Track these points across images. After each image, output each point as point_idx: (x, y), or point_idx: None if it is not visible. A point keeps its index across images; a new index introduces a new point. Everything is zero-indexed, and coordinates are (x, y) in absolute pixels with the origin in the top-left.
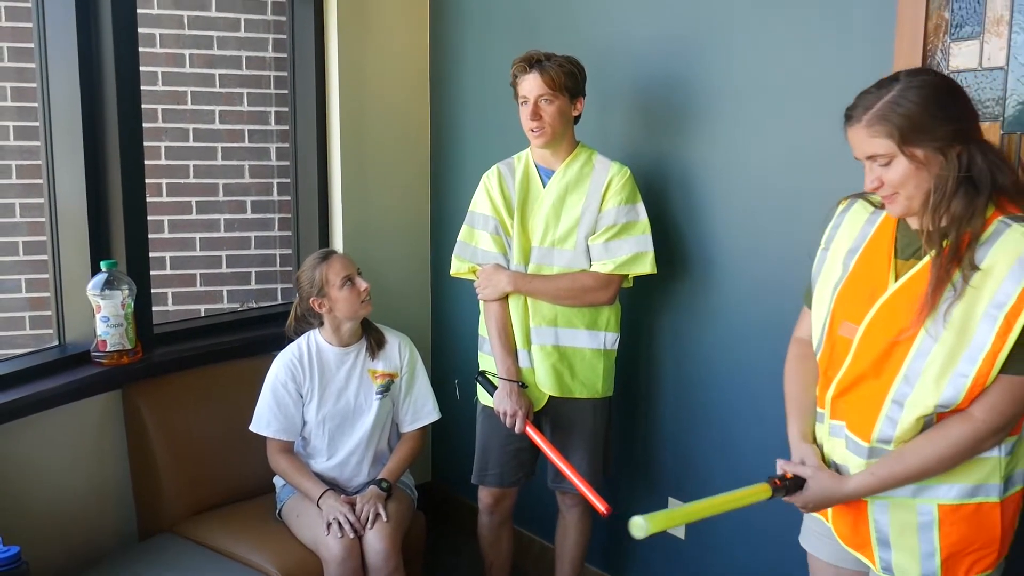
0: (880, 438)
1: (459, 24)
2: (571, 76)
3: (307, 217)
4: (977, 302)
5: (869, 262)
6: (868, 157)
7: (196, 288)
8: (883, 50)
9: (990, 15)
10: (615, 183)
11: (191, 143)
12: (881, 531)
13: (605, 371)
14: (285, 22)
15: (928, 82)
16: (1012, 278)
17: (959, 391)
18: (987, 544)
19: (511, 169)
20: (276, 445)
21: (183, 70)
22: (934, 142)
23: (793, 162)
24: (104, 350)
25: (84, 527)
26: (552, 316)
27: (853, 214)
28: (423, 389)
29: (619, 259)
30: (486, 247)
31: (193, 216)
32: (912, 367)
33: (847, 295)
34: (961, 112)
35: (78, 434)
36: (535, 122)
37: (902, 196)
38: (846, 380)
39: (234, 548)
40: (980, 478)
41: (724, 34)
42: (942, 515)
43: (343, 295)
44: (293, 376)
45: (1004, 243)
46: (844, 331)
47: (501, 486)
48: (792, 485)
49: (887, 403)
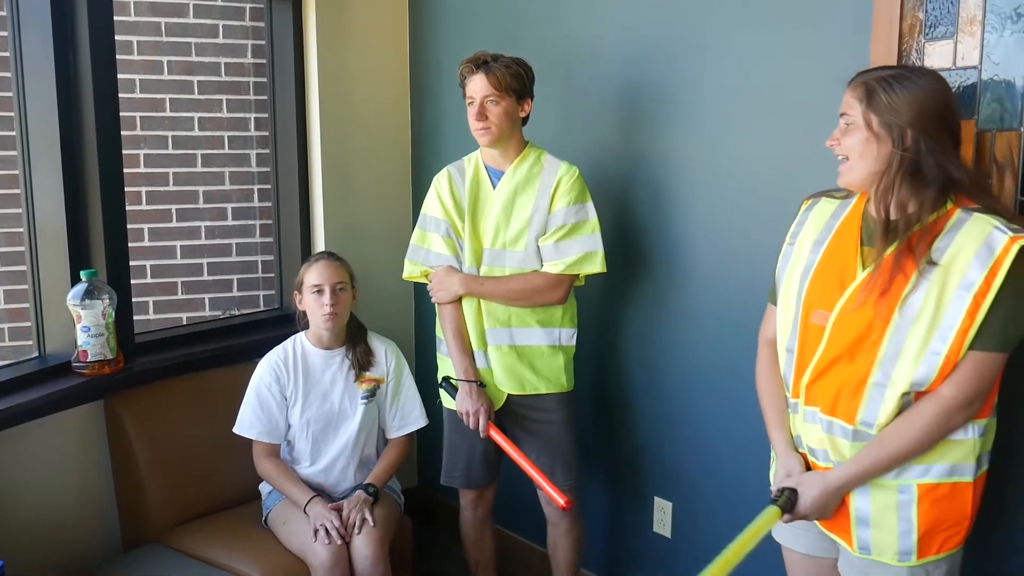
0: (864, 421)
1: (438, 27)
2: (517, 77)
3: (288, 223)
4: (947, 285)
5: (837, 251)
6: (841, 114)
7: (177, 296)
8: (859, 50)
9: (963, 15)
10: (564, 183)
11: (170, 150)
12: (861, 512)
13: (566, 365)
14: (264, 28)
15: (922, 76)
16: (977, 261)
17: (932, 368)
18: (959, 521)
19: (461, 171)
20: (261, 449)
21: (161, 77)
22: (893, 117)
23: (765, 161)
24: (85, 360)
25: (68, 539)
26: (506, 317)
27: (819, 209)
28: (410, 396)
29: (569, 259)
30: (438, 250)
31: (173, 224)
32: (890, 349)
33: (817, 284)
34: (933, 112)
35: (60, 446)
36: (481, 122)
37: (849, 164)
38: (820, 365)
39: (220, 557)
40: (956, 459)
41: (698, 34)
42: (921, 494)
43: (309, 301)
44: (277, 378)
45: (968, 229)
46: (816, 319)
47: (468, 487)
48: (789, 498)
49: (869, 385)
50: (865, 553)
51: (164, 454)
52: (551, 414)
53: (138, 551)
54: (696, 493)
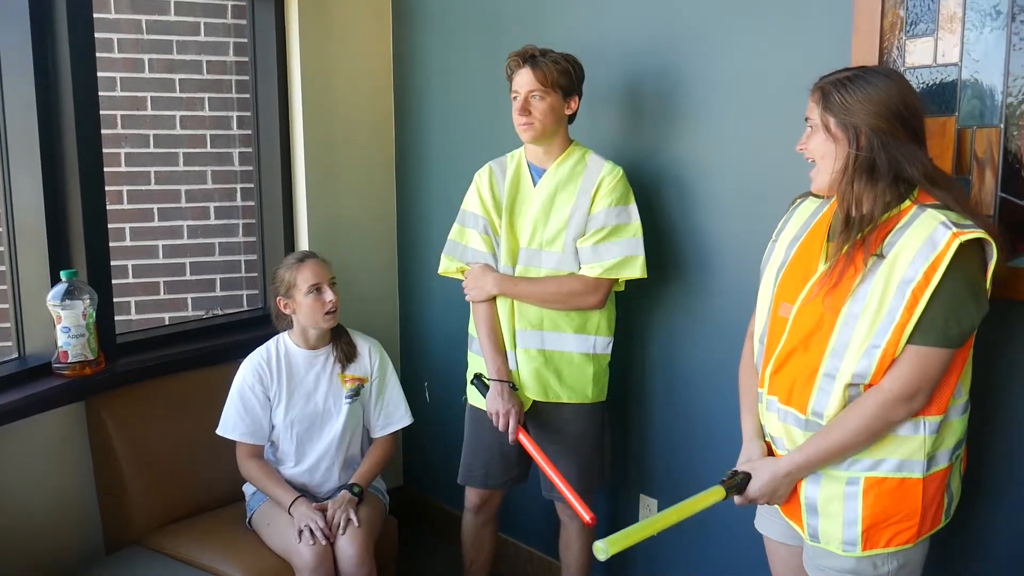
0: (815, 410)
1: (421, 23)
2: (565, 74)
3: (271, 222)
4: (890, 281)
5: (807, 247)
6: (805, 118)
7: (160, 296)
8: (842, 48)
9: (944, 13)
10: (606, 183)
11: (152, 149)
12: (810, 499)
13: (596, 376)
14: (246, 26)
15: (876, 75)
16: (920, 256)
17: (872, 361)
18: (908, 517)
19: (503, 168)
20: (245, 450)
21: (142, 75)
22: (847, 117)
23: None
24: (66, 361)
25: (49, 542)
26: (538, 319)
27: (802, 208)
28: (395, 394)
29: (607, 263)
30: (476, 246)
31: (155, 223)
32: (838, 341)
33: (787, 278)
34: (887, 110)
35: (41, 448)
36: (524, 117)
37: (817, 167)
38: (781, 356)
39: (204, 558)
40: (905, 454)
41: (694, 36)
42: (867, 487)
43: (307, 302)
44: (261, 379)
45: (917, 226)
46: (783, 311)
47: (486, 487)
48: (741, 482)
49: (819, 376)
50: (814, 540)
51: (146, 455)
52: (571, 425)
53: (120, 553)
54: (682, 492)
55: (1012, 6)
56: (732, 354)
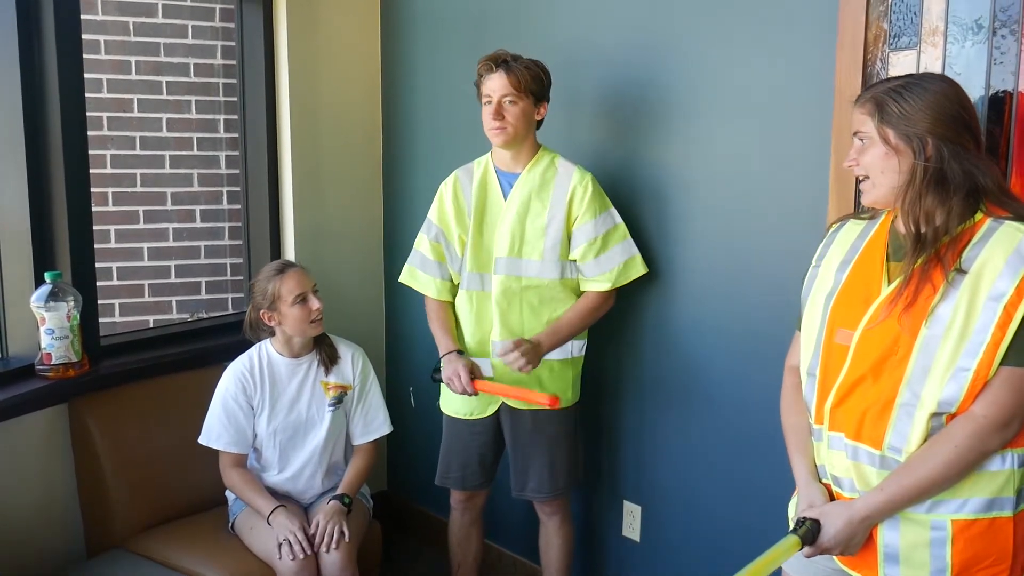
0: (892, 445)
1: (410, 28)
2: (537, 79)
3: (258, 225)
4: (976, 297)
5: (862, 269)
6: (854, 133)
7: (144, 299)
8: (826, 60)
9: (926, 26)
10: (578, 194)
11: (138, 151)
12: (890, 547)
13: (573, 379)
14: (234, 28)
15: (931, 80)
16: (1009, 270)
17: (962, 386)
18: (1000, 560)
19: (469, 174)
20: (228, 459)
21: (129, 77)
22: (909, 128)
23: (749, 173)
24: (49, 363)
25: (31, 545)
26: (519, 328)
27: (846, 231)
28: (375, 402)
29: (613, 272)
30: (423, 251)
31: (141, 225)
32: (918, 366)
33: (842, 303)
34: (949, 116)
35: (23, 450)
36: (497, 122)
37: (871, 181)
38: (844, 386)
39: (186, 562)
40: (994, 491)
41: (677, 45)
42: (956, 531)
43: (293, 312)
44: (244, 388)
45: (998, 239)
46: (840, 338)
47: (463, 489)
48: (811, 530)
49: (896, 407)
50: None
51: (129, 458)
52: (548, 427)
53: (102, 557)
54: (665, 498)
55: (993, 20)
56: (714, 362)
